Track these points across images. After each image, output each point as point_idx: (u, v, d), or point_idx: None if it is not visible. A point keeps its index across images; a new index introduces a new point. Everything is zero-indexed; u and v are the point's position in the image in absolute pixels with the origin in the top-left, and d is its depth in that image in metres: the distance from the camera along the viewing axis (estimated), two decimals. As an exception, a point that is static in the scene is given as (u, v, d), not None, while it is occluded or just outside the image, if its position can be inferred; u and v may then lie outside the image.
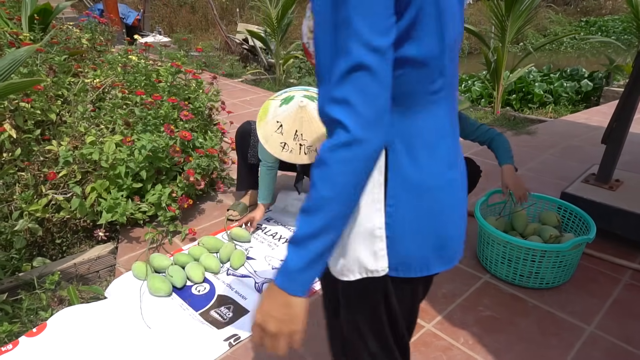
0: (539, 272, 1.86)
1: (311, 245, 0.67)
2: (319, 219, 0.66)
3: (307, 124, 1.96)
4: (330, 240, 0.68)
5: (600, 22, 14.70)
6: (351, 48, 0.61)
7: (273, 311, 0.71)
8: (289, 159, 1.99)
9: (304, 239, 0.67)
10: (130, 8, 8.77)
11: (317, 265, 0.69)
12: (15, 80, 1.41)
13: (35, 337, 1.68)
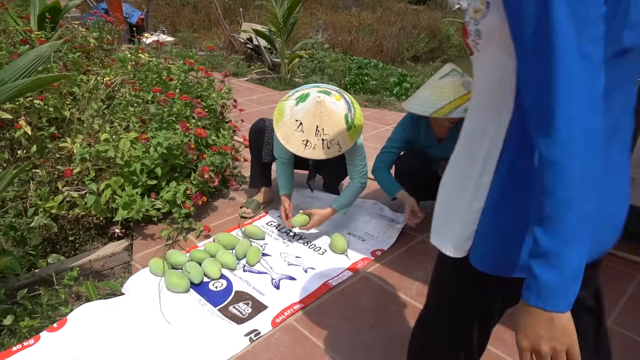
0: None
1: (566, 256, 0.63)
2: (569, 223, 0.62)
3: (326, 118, 1.97)
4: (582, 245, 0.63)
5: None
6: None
7: (540, 332, 0.67)
8: (312, 155, 2.00)
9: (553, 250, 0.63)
10: (133, 7, 8.77)
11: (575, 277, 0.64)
12: (42, 76, 1.42)
13: (56, 332, 1.69)
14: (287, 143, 1.99)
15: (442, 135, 2.23)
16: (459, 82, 1.98)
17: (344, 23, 13.05)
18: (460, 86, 1.96)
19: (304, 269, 2.08)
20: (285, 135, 2.00)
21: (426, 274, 2.04)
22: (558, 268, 0.63)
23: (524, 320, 0.69)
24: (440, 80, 2.01)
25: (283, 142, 2.00)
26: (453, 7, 16.69)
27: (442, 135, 2.23)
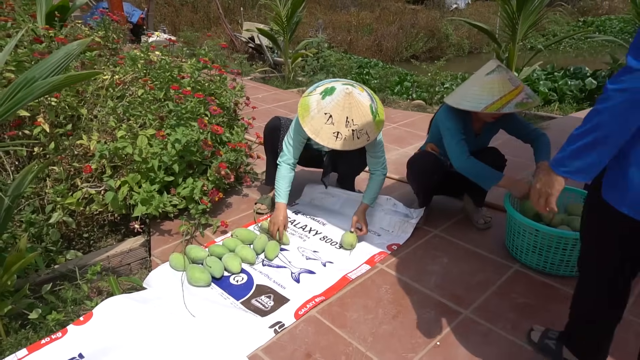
0: (570, 260, 1.92)
1: (577, 143, 1.06)
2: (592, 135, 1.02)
3: (355, 109, 2.01)
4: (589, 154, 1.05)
5: (598, 22, 14.86)
6: None
7: (543, 178, 1.18)
8: (343, 146, 2.03)
9: (575, 137, 1.06)
10: (134, 7, 8.78)
11: (578, 159, 1.07)
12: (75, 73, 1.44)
13: (83, 325, 1.71)
14: (317, 136, 2.02)
15: (479, 129, 2.26)
16: (506, 78, 2.00)
17: (342, 22, 13.09)
18: (508, 82, 2.00)
19: (322, 262, 2.11)
20: (314, 129, 2.03)
21: (442, 267, 2.08)
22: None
23: (544, 174, 1.19)
24: (487, 76, 2.03)
25: (313, 136, 2.03)
26: (450, 7, 16.76)
27: (479, 129, 2.26)
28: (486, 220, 2.38)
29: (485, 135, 2.30)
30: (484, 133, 2.28)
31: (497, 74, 2.02)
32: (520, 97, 1.97)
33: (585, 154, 1.06)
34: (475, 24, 4.85)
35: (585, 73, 6.54)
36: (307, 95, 2.15)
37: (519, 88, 1.98)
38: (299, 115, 2.09)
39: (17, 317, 1.84)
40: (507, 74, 2.02)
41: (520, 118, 2.24)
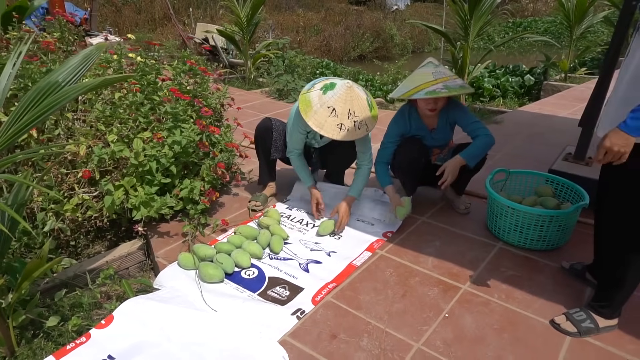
0: (547, 236, 2.18)
1: None
2: None
3: (356, 102, 2.17)
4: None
5: (525, 23, 16.06)
6: None
7: (618, 141, 1.42)
8: (346, 137, 2.18)
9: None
10: (76, 7, 8.36)
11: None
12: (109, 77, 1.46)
13: (106, 328, 1.72)
14: (322, 129, 2.15)
15: (432, 124, 2.47)
16: (430, 71, 2.28)
17: (290, 23, 13.21)
18: (430, 75, 2.27)
19: (326, 252, 2.24)
20: (318, 122, 2.15)
21: (435, 249, 2.27)
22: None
23: (612, 134, 1.43)
24: (417, 70, 2.36)
25: (317, 129, 2.15)
26: (391, 8, 17.39)
27: (432, 125, 2.47)
28: (467, 206, 2.61)
29: (441, 130, 2.49)
30: (439, 128, 2.48)
31: (425, 68, 2.32)
32: (434, 87, 2.21)
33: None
34: (431, 26, 5.16)
35: (523, 70, 7.13)
36: (305, 92, 2.26)
37: (438, 80, 2.22)
38: (302, 111, 2.20)
39: (28, 326, 1.81)
40: (434, 69, 2.28)
41: (469, 114, 2.42)
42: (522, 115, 4.66)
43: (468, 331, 1.74)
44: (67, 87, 1.42)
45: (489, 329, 1.76)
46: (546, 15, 17.76)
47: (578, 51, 7.40)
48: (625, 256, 1.60)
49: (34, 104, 1.48)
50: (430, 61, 2.36)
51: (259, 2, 5.55)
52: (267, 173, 2.68)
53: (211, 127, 2.46)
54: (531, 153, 3.52)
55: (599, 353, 1.65)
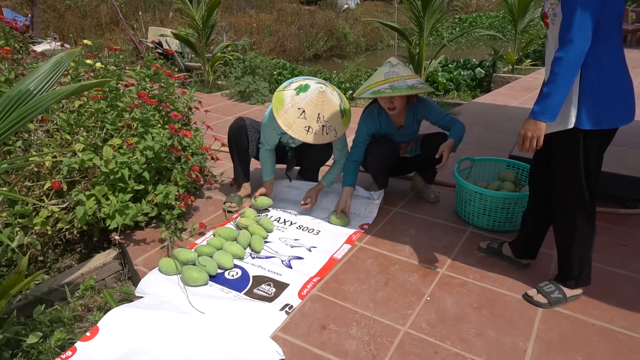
0: (513, 217, 2.33)
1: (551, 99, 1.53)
2: (556, 85, 1.50)
3: (327, 107, 2.20)
4: (561, 97, 1.52)
5: (471, 18, 16.74)
6: None
7: (529, 127, 1.60)
8: (312, 140, 2.22)
9: (548, 95, 1.52)
10: (15, 12, 7.92)
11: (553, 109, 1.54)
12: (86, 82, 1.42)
13: (92, 340, 1.68)
14: (290, 129, 2.18)
15: (400, 122, 2.56)
16: (384, 71, 2.37)
17: (243, 25, 13.09)
18: (383, 74, 2.35)
19: (307, 248, 2.28)
20: (287, 122, 2.18)
21: (411, 237, 2.37)
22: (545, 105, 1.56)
23: (526, 122, 1.62)
24: (377, 69, 2.48)
25: (285, 129, 2.18)
26: (342, 7, 17.59)
27: (399, 122, 2.56)
28: (436, 194, 2.73)
29: (408, 127, 2.58)
30: (407, 125, 2.57)
31: (382, 67, 2.41)
32: (381, 87, 2.30)
33: (548, 104, 1.54)
34: (387, 24, 5.31)
35: (474, 64, 7.45)
36: (281, 90, 2.29)
37: (387, 80, 2.32)
38: (274, 108, 2.23)
39: (3, 347, 1.73)
40: (388, 68, 2.37)
41: (438, 109, 2.53)
42: (477, 107, 4.88)
43: (450, 311, 1.84)
44: (39, 96, 1.38)
45: (468, 307, 1.86)
46: (489, 10, 18.59)
47: (522, 44, 7.81)
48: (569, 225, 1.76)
49: (3, 115, 1.43)
50: (389, 61, 2.43)
51: (214, 3, 5.49)
52: (241, 174, 2.69)
53: (183, 130, 2.44)
54: (490, 141, 3.71)
55: (568, 320, 1.79)
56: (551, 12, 1.57)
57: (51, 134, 2.38)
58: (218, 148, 3.32)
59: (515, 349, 1.64)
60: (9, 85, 2.51)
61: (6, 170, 2.21)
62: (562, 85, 1.51)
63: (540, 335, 1.71)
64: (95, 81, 1.44)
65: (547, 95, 1.54)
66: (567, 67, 1.48)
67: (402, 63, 2.42)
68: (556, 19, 1.55)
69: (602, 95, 1.56)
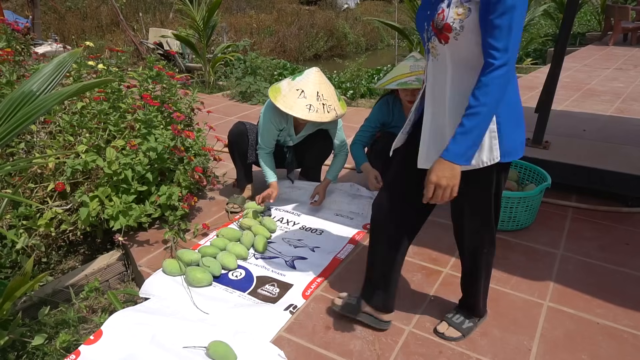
0: (516, 217, 2.33)
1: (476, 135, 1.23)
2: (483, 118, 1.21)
3: (324, 86, 2.28)
4: (484, 131, 1.24)
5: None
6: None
7: (444, 174, 1.27)
8: (317, 118, 2.25)
9: (472, 130, 1.21)
10: (16, 14, 7.93)
11: (471, 149, 1.25)
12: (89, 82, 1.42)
13: (96, 343, 1.68)
14: (292, 110, 2.21)
15: None
16: (408, 64, 2.41)
17: (243, 25, 13.09)
18: (408, 67, 2.40)
19: (310, 248, 2.28)
20: (288, 104, 2.21)
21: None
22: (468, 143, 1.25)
23: (437, 166, 1.28)
24: (400, 63, 2.49)
25: (287, 110, 2.20)
26: (342, 7, 17.59)
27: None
28: (439, 193, 2.73)
29: None
30: None
31: (406, 61, 2.46)
32: (407, 79, 2.34)
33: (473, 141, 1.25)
34: (388, 23, 5.31)
35: (474, 63, 7.45)
36: (275, 84, 2.34)
37: (413, 73, 2.35)
38: (272, 97, 2.26)
39: (8, 349, 1.74)
40: (413, 62, 2.41)
41: None
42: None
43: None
44: (42, 96, 1.38)
45: (472, 307, 1.86)
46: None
47: (522, 43, 7.81)
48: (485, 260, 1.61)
49: (7, 117, 1.43)
50: (412, 55, 2.48)
51: (215, 4, 5.49)
52: (244, 176, 2.69)
53: (186, 131, 2.44)
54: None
55: (572, 319, 1.78)
56: (457, 25, 1.23)
57: (54, 136, 2.39)
58: (220, 149, 3.32)
59: (520, 348, 1.64)
60: (10, 87, 2.52)
61: (9, 172, 2.22)
62: (488, 118, 1.23)
63: (544, 334, 1.71)
64: (97, 80, 1.45)
65: (471, 130, 1.22)
66: (495, 96, 1.20)
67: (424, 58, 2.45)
68: (462, 35, 1.23)
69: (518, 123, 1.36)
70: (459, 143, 1.24)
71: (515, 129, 1.35)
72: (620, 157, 2.70)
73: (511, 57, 1.21)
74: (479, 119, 1.21)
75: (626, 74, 6.15)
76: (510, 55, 1.20)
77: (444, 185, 1.28)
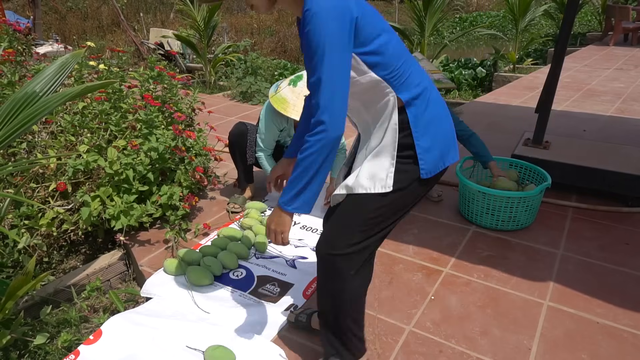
0: (516, 217, 2.33)
1: (295, 187, 1.15)
2: (303, 173, 1.13)
3: None
4: (304, 186, 1.14)
5: (471, 17, 16.72)
6: None
7: (273, 218, 1.23)
8: None
9: (292, 183, 1.15)
10: (17, 15, 7.94)
11: (298, 198, 1.16)
12: (91, 84, 1.43)
13: (95, 343, 1.68)
14: None
15: None
16: None
17: (243, 25, 13.11)
18: None
19: (311, 248, 2.29)
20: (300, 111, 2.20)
21: (414, 237, 2.37)
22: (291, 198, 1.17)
23: (273, 212, 1.24)
24: None
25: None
26: (343, 7, 17.59)
27: None
28: (439, 193, 2.74)
29: None
30: None
31: None
32: None
33: (309, 188, 1.16)
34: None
35: (475, 63, 7.45)
36: (274, 94, 2.33)
37: None
38: (280, 109, 2.26)
39: (10, 348, 1.75)
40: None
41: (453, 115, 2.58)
42: (479, 106, 4.89)
43: (454, 310, 1.84)
44: (45, 98, 1.39)
45: (473, 306, 1.86)
46: (489, 9, 18.57)
47: (523, 43, 7.82)
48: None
49: (10, 118, 1.44)
50: (414, 55, 2.47)
51: (216, 5, 5.50)
52: (244, 177, 2.70)
53: (187, 131, 2.45)
54: (492, 141, 3.69)
55: (572, 318, 1.79)
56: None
57: (55, 136, 2.39)
58: (221, 149, 3.33)
59: (520, 347, 1.65)
60: (12, 88, 2.53)
61: (11, 172, 2.22)
62: (309, 176, 1.14)
63: (544, 334, 1.71)
64: (100, 82, 1.45)
65: (293, 180, 1.15)
66: (312, 161, 1.12)
67: (426, 58, 2.45)
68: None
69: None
70: (285, 190, 1.18)
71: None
72: (620, 157, 2.71)
73: (333, 119, 1.06)
74: (298, 171, 1.13)
75: (627, 74, 6.15)
76: (330, 116, 1.06)
77: (272, 230, 1.24)
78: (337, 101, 1.08)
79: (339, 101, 1.08)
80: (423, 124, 1.25)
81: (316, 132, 1.08)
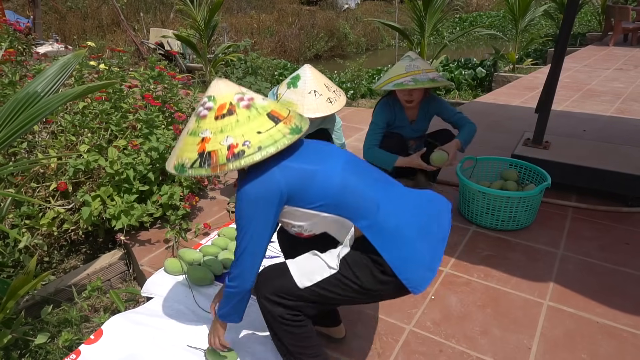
0: (516, 216, 2.33)
1: (224, 307, 1.38)
2: (226, 300, 1.36)
3: (322, 77, 2.34)
4: (231, 307, 1.37)
5: (471, 17, 16.73)
6: None
7: (214, 326, 1.45)
8: (338, 106, 2.28)
9: (221, 303, 1.39)
10: (17, 14, 7.94)
11: (229, 316, 1.39)
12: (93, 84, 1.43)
13: (96, 343, 1.69)
14: (319, 111, 2.21)
15: (412, 117, 2.58)
16: (404, 64, 2.41)
17: (243, 25, 13.11)
18: (404, 68, 2.39)
19: (311, 248, 2.28)
20: (311, 109, 2.21)
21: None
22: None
23: (213, 319, 1.47)
24: (397, 63, 2.51)
25: (315, 114, 2.20)
26: (343, 7, 17.61)
27: (412, 117, 2.58)
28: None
29: (420, 122, 2.61)
30: (418, 120, 2.60)
31: (401, 61, 2.46)
32: (403, 79, 2.34)
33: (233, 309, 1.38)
34: (389, 24, 5.32)
35: (475, 63, 7.45)
36: (277, 100, 2.31)
37: (409, 73, 2.35)
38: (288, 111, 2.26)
39: (11, 347, 1.75)
40: (409, 62, 2.41)
41: (451, 108, 2.57)
42: (479, 106, 4.89)
43: (454, 310, 1.85)
44: (47, 98, 1.40)
45: (473, 306, 1.87)
46: (489, 10, 18.59)
47: (523, 43, 7.82)
48: None
49: (11, 118, 1.44)
50: (408, 55, 2.47)
51: (216, 4, 5.50)
52: (245, 176, 2.70)
53: (187, 131, 2.45)
54: (492, 141, 3.72)
55: (572, 318, 1.79)
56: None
57: (56, 135, 2.40)
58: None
59: (520, 347, 1.65)
60: (13, 88, 2.53)
61: (12, 172, 2.23)
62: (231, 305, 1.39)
63: (544, 333, 1.71)
64: (101, 83, 1.45)
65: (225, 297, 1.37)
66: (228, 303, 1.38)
67: (420, 57, 2.45)
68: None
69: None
70: (218, 307, 1.42)
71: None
72: (620, 157, 2.71)
73: (243, 283, 1.33)
74: (223, 299, 1.39)
75: (626, 74, 6.16)
76: (241, 281, 1.34)
77: (210, 334, 1.49)
78: (249, 272, 1.33)
79: (250, 272, 1.33)
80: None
81: (231, 286, 1.34)
